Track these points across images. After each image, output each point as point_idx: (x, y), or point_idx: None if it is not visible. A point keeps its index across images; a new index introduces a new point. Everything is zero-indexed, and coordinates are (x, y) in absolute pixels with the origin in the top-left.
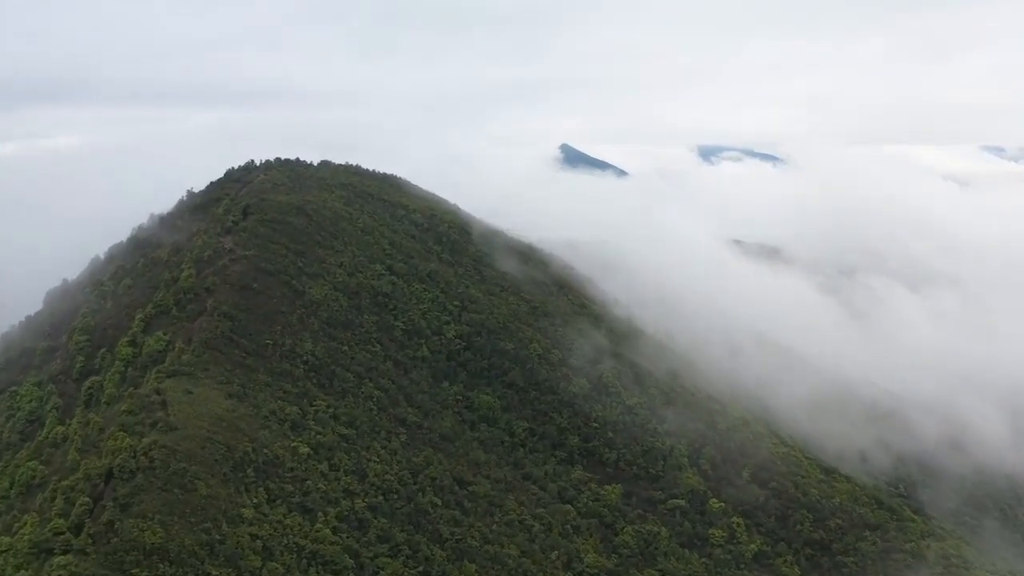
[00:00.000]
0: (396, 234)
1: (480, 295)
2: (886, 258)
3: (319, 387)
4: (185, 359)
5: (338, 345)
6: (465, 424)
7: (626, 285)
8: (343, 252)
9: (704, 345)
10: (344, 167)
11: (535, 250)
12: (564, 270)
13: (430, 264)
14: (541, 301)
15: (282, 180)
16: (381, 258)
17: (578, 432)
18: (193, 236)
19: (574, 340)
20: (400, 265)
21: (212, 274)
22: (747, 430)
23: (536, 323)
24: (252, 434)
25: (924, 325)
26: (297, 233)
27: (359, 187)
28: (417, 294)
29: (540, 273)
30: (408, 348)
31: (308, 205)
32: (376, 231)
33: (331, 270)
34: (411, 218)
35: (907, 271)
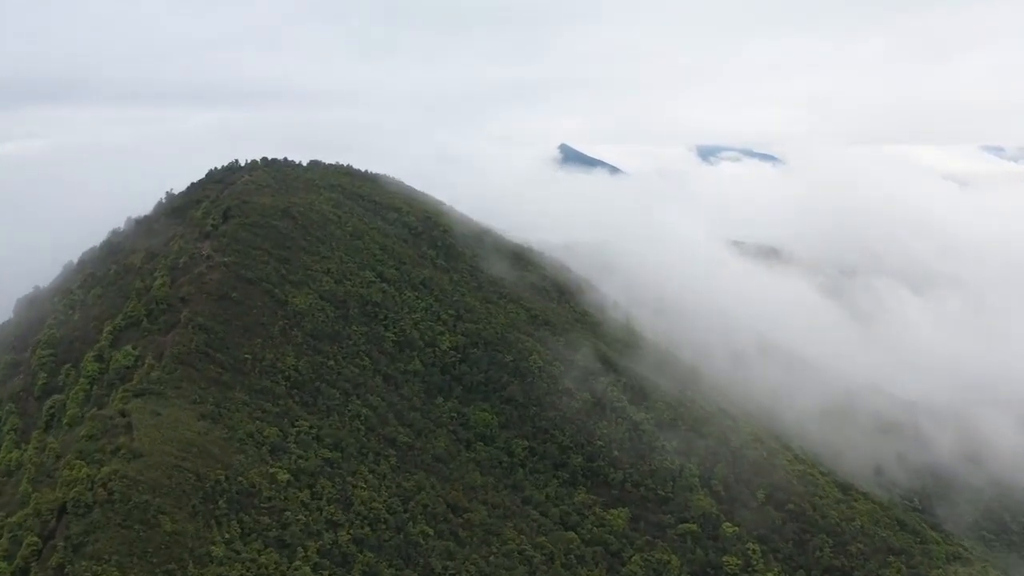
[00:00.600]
0: (388, 238)
1: (476, 303)
2: (886, 259)
3: (302, 406)
4: (155, 376)
5: (323, 359)
6: (460, 443)
7: (626, 288)
8: (330, 258)
9: (709, 352)
10: (334, 167)
11: (534, 254)
12: (564, 274)
13: (423, 270)
14: (541, 309)
15: (267, 181)
16: (371, 264)
17: (581, 451)
18: (169, 241)
19: (576, 351)
20: (391, 272)
21: (187, 283)
22: (761, 447)
23: (536, 333)
24: (226, 460)
25: (929, 328)
26: (281, 238)
27: (350, 188)
28: (409, 303)
29: (539, 278)
30: (399, 361)
31: (294, 208)
32: (366, 235)
33: (317, 277)
34: (404, 221)
35: (908, 272)
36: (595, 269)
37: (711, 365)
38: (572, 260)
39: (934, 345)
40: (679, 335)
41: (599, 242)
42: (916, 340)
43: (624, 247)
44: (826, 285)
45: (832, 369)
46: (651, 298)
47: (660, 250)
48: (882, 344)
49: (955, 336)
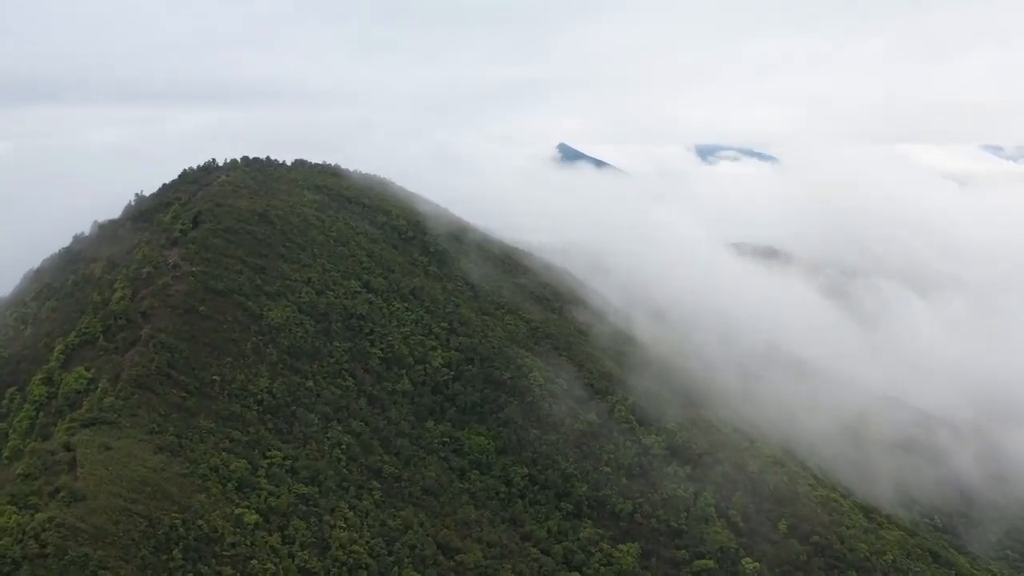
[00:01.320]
0: (376, 244)
1: (472, 315)
2: (887, 259)
3: (275, 433)
4: (107, 403)
5: (301, 380)
6: (453, 473)
7: (627, 293)
8: (311, 266)
9: (715, 362)
10: (321, 167)
11: (534, 259)
12: (564, 281)
13: (414, 279)
14: (542, 320)
15: (245, 182)
16: (357, 273)
17: (586, 479)
18: (133, 249)
19: (580, 366)
20: (379, 281)
21: (151, 295)
22: (781, 471)
23: (537, 347)
24: (184, 500)
25: (936, 333)
26: (257, 245)
27: (336, 190)
28: (398, 315)
29: (539, 286)
30: (386, 381)
31: (272, 211)
32: (352, 241)
33: (296, 288)
34: (394, 225)
35: (909, 272)
36: (595, 273)
37: (719, 376)
38: (572, 263)
39: (944, 351)
40: (683, 343)
41: (598, 244)
42: (925, 346)
43: (624, 248)
44: (828, 287)
45: (843, 378)
46: (652, 303)
47: (660, 252)
48: (891, 350)
49: (964, 341)
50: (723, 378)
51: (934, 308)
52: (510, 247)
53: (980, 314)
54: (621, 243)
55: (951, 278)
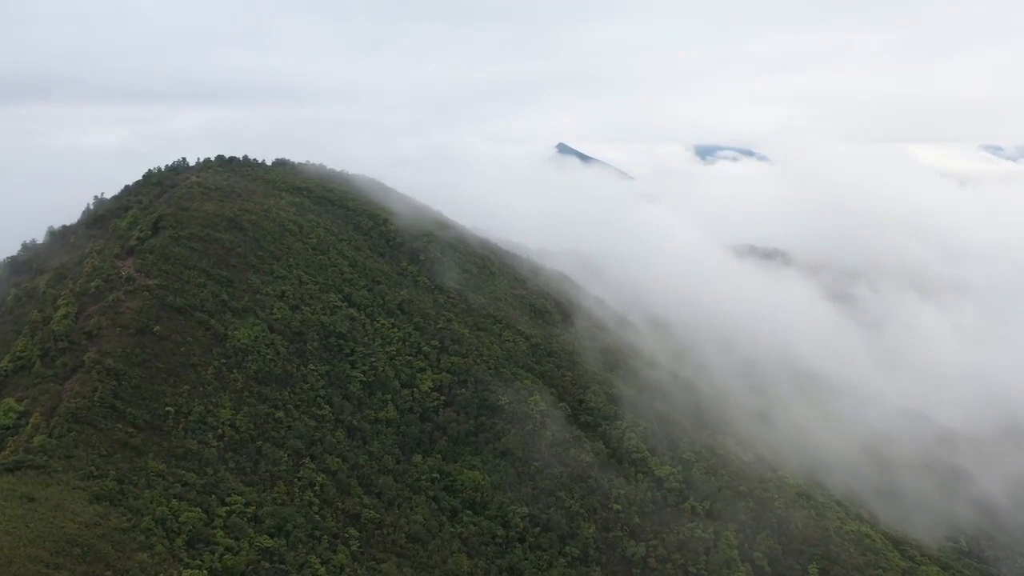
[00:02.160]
0: (360, 252)
1: (465, 331)
2: (889, 261)
3: (237, 474)
4: (38, 442)
5: (269, 410)
6: (443, 514)
7: (631, 301)
8: (286, 278)
9: (727, 377)
10: (304, 167)
11: (533, 267)
12: (565, 290)
13: (401, 291)
14: (543, 336)
15: (218, 184)
16: (337, 285)
17: (594, 518)
18: (83, 259)
19: (586, 388)
20: (362, 293)
21: (98, 313)
22: (808, 504)
23: (538, 366)
24: (122, 563)
25: (949, 340)
26: (225, 254)
27: (319, 192)
28: (383, 332)
29: (539, 296)
30: (368, 408)
31: (245, 216)
32: (333, 248)
33: (267, 303)
34: (381, 231)
35: (912, 275)
36: (595, 279)
37: (730, 392)
38: (571, 268)
39: (957, 360)
40: (690, 356)
41: (597, 247)
42: (937, 354)
43: (623, 252)
44: (832, 290)
45: (857, 391)
46: (654, 310)
47: (660, 255)
48: (902, 358)
49: (977, 349)
50: (734, 394)
51: (941, 313)
52: (508, 254)
53: (991, 320)
54: (621, 246)
55: (955, 281)
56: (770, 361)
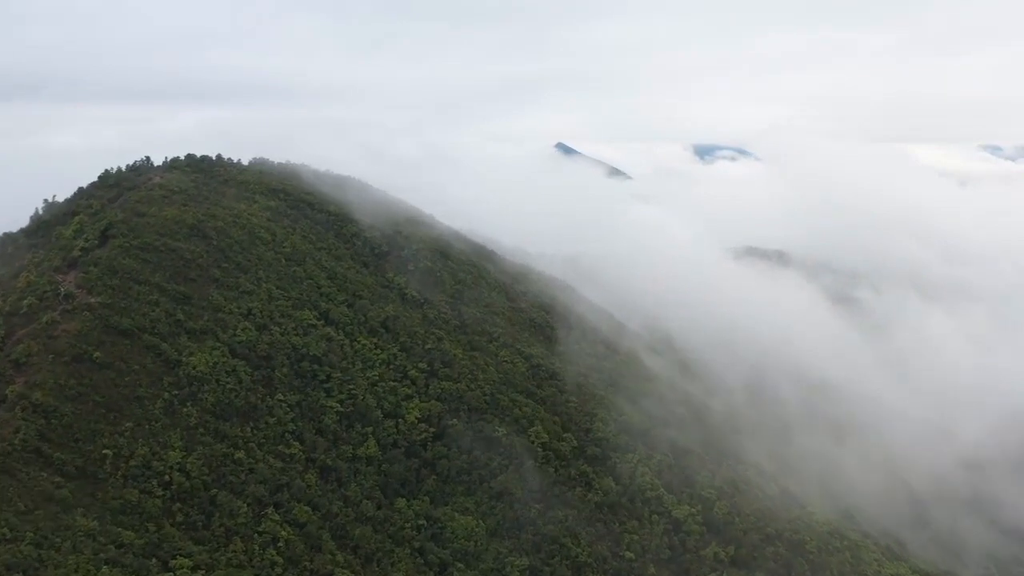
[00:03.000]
0: (341, 263)
1: (458, 351)
2: (891, 262)
3: (186, 530)
4: None
5: (228, 450)
6: (430, 570)
7: (634, 310)
8: (254, 293)
9: (738, 394)
10: (284, 167)
11: (533, 276)
12: (568, 301)
13: (387, 307)
14: (544, 355)
15: (183, 186)
16: (313, 300)
17: (603, 568)
18: (18, 273)
19: (593, 416)
20: (341, 310)
21: (30, 336)
22: (842, 545)
23: (539, 390)
24: None
25: (963, 348)
26: (183, 266)
27: (297, 195)
28: (364, 354)
29: (540, 310)
30: (345, 444)
31: (209, 223)
32: (310, 258)
33: (230, 323)
34: (366, 238)
35: (916, 277)
36: (597, 286)
37: (743, 411)
38: (571, 275)
39: (969, 366)
40: (698, 370)
41: (598, 251)
42: (948, 361)
43: (624, 257)
44: (835, 292)
45: (875, 405)
46: (657, 320)
47: (661, 260)
48: (916, 368)
49: (987, 354)
50: (747, 413)
51: (948, 317)
52: (504, 260)
53: (999, 325)
54: (618, 249)
55: (959, 283)
56: (780, 372)
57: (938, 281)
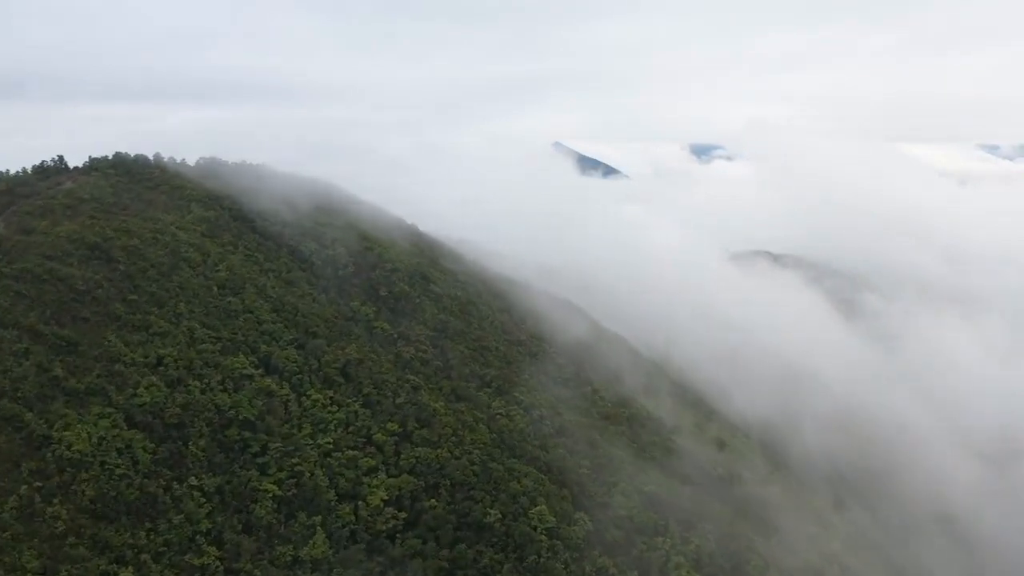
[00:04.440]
0: (291, 289)
1: (439, 403)
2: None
3: None
4: None
5: (110, 567)
6: None
7: (636, 323)
8: (169, 335)
9: (770, 435)
10: (240, 168)
11: (533, 296)
12: (574, 323)
13: (349, 346)
14: (547, 402)
15: (98, 193)
16: (251, 341)
17: None
18: None
19: (613, 484)
20: (288, 353)
21: None
22: None
23: (543, 453)
24: None
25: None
26: (72, 300)
27: (245, 203)
28: (315, 414)
29: (541, 339)
30: (283, 542)
31: (119, 240)
32: (251, 284)
33: (131, 379)
34: (329, 255)
35: (920, 281)
36: (594, 297)
37: (777, 459)
38: (572, 286)
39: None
40: (717, 404)
41: (598, 259)
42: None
43: (626, 268)
44: (840, 298)
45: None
46: (666, 340)
47: (662, 267)
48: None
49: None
50: (784, 468)
51: (961, 324)
52: (500, 281)
53: (1012, 330)
54: (615, 255)
55: (965, 288)
56: (801, 397)
57: (943, 285)
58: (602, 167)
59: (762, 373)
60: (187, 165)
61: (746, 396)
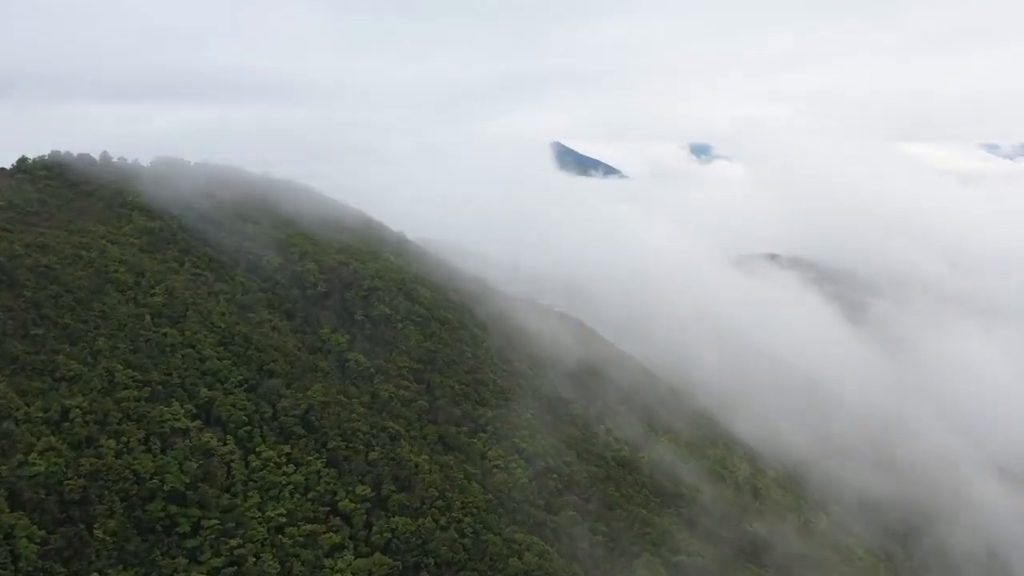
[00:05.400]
0: (247, 315)
1: (423, 458)
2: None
3: None
4: None
5: None
6: None
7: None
8: (80, 380)
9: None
10: (199, 169)
11: (532, 312)
12: (585, 347)
13: (311, 387)
14: (554, 450)
15: (21, 199)
16: (188, 384)
17: None
18: None
19: (627, 556)
20: (235, 399)
21: None
22: None
23: (553, 518)
24: None
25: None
26: None
27: (205, 211)
28: (266, 478)
29: (540, 368)
30: None
31: (28, 259)
32: (195, 312)
33: (23, 441)
34: (294, 272)
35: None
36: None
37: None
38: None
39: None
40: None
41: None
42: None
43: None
44: (849, 302)
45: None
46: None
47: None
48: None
49: None
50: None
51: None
52: (496, 294)
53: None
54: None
55: (970, 292)
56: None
57: (948, 287)
58: (602, 167)
59: (779, 389)
60: (140, 166)
61: (768, 421)
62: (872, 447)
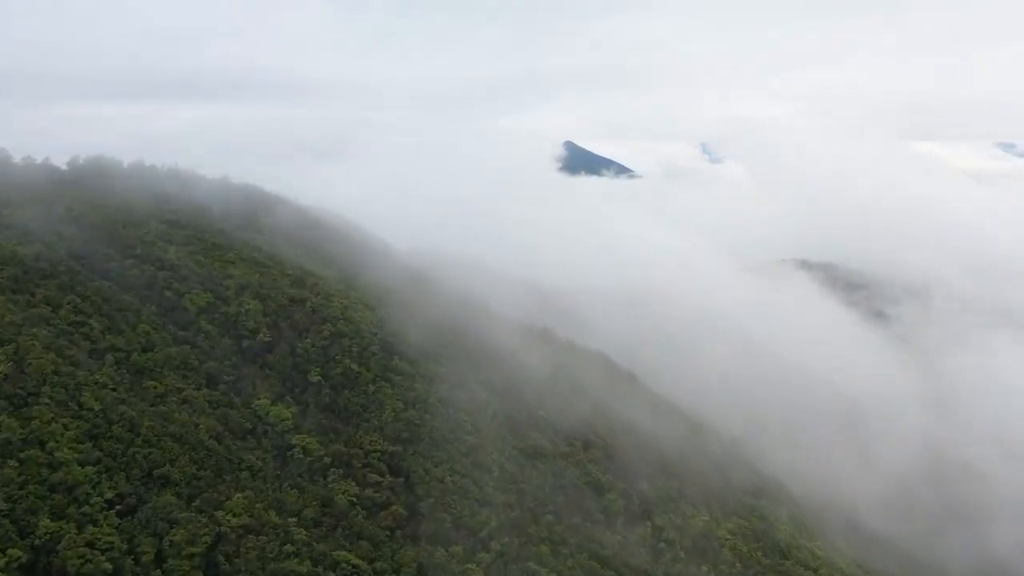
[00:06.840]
0: (130, 387)
1: (414, 554)
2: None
3: None
4: None
5: None
6: None
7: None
8: None
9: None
10: (130, 171)
11: (552, 348)
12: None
13: (230, 497)
14: (581, 537)
15: None
16: (15, 511)
17: None
18: None
19: None
20: (93, 538)
21: None
22: None
23: None
24: None
25: None
26: None
27: (118, 230)
28: None
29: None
30: None
31: None
32: (54, 383)
33: None
34: (224, 314)
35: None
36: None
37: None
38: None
39: None
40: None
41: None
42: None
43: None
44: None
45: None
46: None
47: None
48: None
49: None
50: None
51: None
52: (504, 322)
53: None
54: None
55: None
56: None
57: (968, 290)
58: (614, 166)
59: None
60: (52, 167)
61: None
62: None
